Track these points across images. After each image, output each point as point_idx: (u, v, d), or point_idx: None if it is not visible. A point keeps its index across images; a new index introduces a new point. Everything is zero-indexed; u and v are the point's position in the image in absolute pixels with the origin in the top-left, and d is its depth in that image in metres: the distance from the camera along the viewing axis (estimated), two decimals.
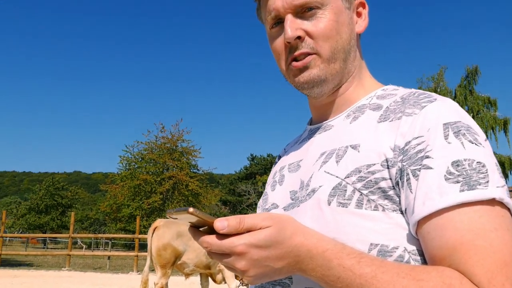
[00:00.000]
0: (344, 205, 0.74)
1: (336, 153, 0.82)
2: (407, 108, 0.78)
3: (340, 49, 0.86)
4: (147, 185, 29.78)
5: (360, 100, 0.90)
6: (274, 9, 0.87)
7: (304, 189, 0.84)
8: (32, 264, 18.54)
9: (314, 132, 0.96)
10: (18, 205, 54.48)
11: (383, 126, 0.79)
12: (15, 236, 25.64)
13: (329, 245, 0.66)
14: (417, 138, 0.73)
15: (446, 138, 0.71)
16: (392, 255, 0.71)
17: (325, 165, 0.82)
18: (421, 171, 0.70)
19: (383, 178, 0.73)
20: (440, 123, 0.73)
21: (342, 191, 0.76)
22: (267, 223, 0.64)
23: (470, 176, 0.67)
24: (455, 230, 0.66)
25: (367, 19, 0.93)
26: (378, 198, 0.73)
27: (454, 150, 0.70)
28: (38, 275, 14.08)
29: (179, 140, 31.39)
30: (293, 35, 0.84)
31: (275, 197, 0.93)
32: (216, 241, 0.63)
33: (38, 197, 49.82)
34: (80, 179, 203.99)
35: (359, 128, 0.83)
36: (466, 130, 0.72)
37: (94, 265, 18.58)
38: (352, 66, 0.90)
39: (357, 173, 0.75)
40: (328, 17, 0.85)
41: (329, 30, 0.85)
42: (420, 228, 0.70)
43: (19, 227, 49.64)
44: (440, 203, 0.67)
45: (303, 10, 0.85)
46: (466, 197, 0.66)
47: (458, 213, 0.66)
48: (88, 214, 53.10)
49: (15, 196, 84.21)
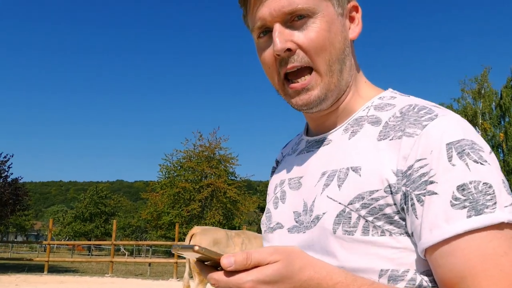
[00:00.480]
0: (350, 233, 0.73)
1: (338, 175, 0.79)
2: (408, 127, 0.74)
3: (335, 60, 0.80)
4: (186, 192, 30.20)
5: (357, 112, 0.86)
6: (261, 18, 0.80)
7: (308, 214, 0.81)
8: (77, 270, 19.18)
9: (312, 145, 0.91)
10: (65, 214, 56.50)
11: (383, 145, 0.76)
12: (62, 243, 26.63)
13: (340, 277, 0.64)
14: (420, 160, 0.70)
15: (450, 160, 0.68)
16: (403, 279, 0.70)
17: (327, 188, 0.79)
18: (426, 196, 0.68)
19: (388, 204, 0.72)
20: (443, 143, 0.69)
21: (347, 219, 0.74)
22: (275, 258, 0.62)
23: (477, 200, 0.65)
24: (463, 257, 0.65)
25: (360, 23, 0.87)
26: (384, 223, 0.72)
27: (458, 173, 0.67)
28: (83, 281, 14.54)
29: (216, 148, 31.67)
30: (282, 48, 0.78)
31: (278, 216, 0.91)
32: (224, 277, 0.62)
33: (83, 206, 51.56)
34: (123, 187, 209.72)
35: (359, 147, 0.79)
36: (470, 149, 0.68)
37: (135, 272, 19.00)
38: (349, 76, 0.85)
39: (360, 200, 0.73)
40: (320, 26, 0.78)
41: (322, 41, 0.78)
42: (428, 254, 0.69)
43: (65, 235, 51.50)
44: (448, 232, 0.65)
45: (292, 19, 0.79)
46: (474, 224, 0.64)
47: (466, 240, 0.65)
48: (130, 221, 54.50)
49: (62, 205, 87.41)
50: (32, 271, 17.31)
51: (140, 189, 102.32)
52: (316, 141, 0.90)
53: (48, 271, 17.04)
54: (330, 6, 0.81)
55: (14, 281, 13.81)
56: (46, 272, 16.82)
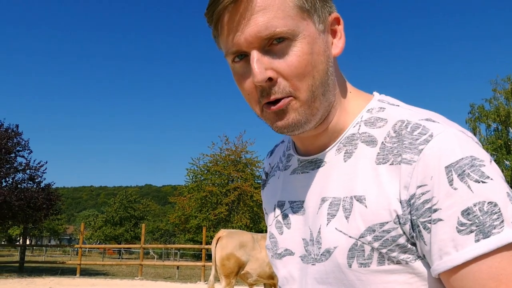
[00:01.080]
0: (365, 265, 0.72)
1: (342, 205, 0.76)
2: (404, 153, 0.71)
3: (318, 84, 0.74)
4: (213, 196, 30.44)
5: (347, 129, 0.81)
6: (235, 43, 0.72)
7: (316, 246, 0.79)
8: (108, 273, 19.55)
9: (305, 166, 0.86)
10: (96, 218, 57.59)
11: (382, 169, 0.73)
12: (93, 247, 27.20)
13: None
14: (421, 187, 0.68)
15: (451, 184, 0.66)
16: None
17: (333, 219, 0.77)
18: (431, 224, 0.68)
19: (399, 235, 0.71)
20: (442, 167, 0.67)
21: (360, 251, 0.73)
22: None
23: (483, 222, 0.64)
24: (475, 280, 0.64)
25: (343, 36, 0.80)
26: (399, 254, 0.71)
27: (461, 197, 0.66)
28: (113, 284, 14.84)
29: (243, 152, 31.83)
30: (262, 78, 0.71)
31: (286, 243, 0.88)
32: None
33: (113, 210, 52.56)
34: (151, 192, 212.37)
35: (357, 172, 0.76)
36: (470, 168, 0.66)
37: (164, 275, 19.21)
38: (332, 96, 0.79)
39: (372, 232, 0.72)
40: (301, 50, 0.71)
41: (304, 66, 0.72)
42: (441, 277, 0.69)
43: (96, 239, 52.60)
44: (457, 259, 0.65)
45: (270, 43, 0.71)
46: (483, 249, 0.64)
47: (476, 264, 0.64)
48: (158, 225, 55.20)
49: (93, 209, 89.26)
50: (65, 274, 17.79)
51: (168, 193, 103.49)
52: (309, 162, 0.85)
53: (80, 274, 17.46)
54: (310, 25, 0.73)
55: (48, 284, 14.22)
56: (78, 275, 17.24)
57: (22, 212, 18.93)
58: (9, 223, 20.87)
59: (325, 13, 0.76)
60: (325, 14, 0.76)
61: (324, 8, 0.76)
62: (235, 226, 28.33)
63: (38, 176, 20.57)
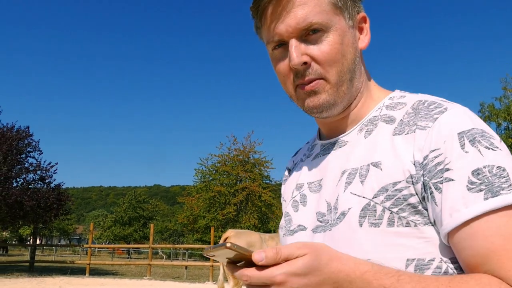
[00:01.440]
0: (376, 225, 0.75)
1: (359, 172, 0.81)
2: (420, 121, 0.77)
3: (346, 71, 0.84)
4: (221, 196, 30.45)
5: (370, 112, 0.89)
6: (277, 33, 0.83)
7: (333, 212, 0.83)
8: (117, 273, 19.67)
9: (327, 148, 0.94)
10: (105, 218, 57.96)
11: (398, 139, 0.79)
12: (102, 246, 27.36)
13: (366, 267, 0.66)
14: (434, 151, 0.73)
15: (462, 147, 0.71)
16: (429, 267, 0.72)
17: (350, 186, 0.82)
18: (443, 184, 0.71)
19: (411, 194, 0.74)
20: (455, 133, 0.72)
21: (372, 211, 0.76)
22: (303, 252, 0.64)
23: (492, 182, 0.68)
24: (485, 238, 0.66)
25: (369, 34, 0.90)
26: (409, 214, 0.74)
27: (472, 159, 0.70)
28: (122, 284, 14.92)
29: (251, 152, 31.80)
30: (299, 62, 0.81)
31: (300, 219, 0.92)
32: (256, 272, 0.64)
33: (122, 210, 52.83)
34: (160, 192, 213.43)
35: (376, 143, 0.83)
36: (481, 137, 0.72)
37: (173, 275, 19.29)
38: (359, 83, 0.89)
39: (384, 192, 0.76)
40: (333, 39, 0.82)
41: (335, 54, 0.82)
42: (451, 238, 0.71)
43: (106, 238, 52.89)
44: (467, 214, 0.68)
45: (307, 33, 0.82)
46: (491, 205, 0.66)
47: (485, 221, 0.67)
48: (167, 225, 55.35)
49: (102, 209, 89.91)
50: (74, 274, 17.92)
51: (177, 193, 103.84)
52: (332, 144, 0.93)
53: (89, 274, 17.58)
54: (342, 20, 0.84)
55: (58, 283, 14.32)
56: (88, 275, 17.36)
57: (33, 212, 19.10)
58: (20, 223, 21.07)
59: (354, 12, 0.87)
60: (354, 12, 0.87)
61: (354, 7, 0.87)
62: (243, 226, 28.34)
63: (49, 176, 20.75)
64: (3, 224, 20.24)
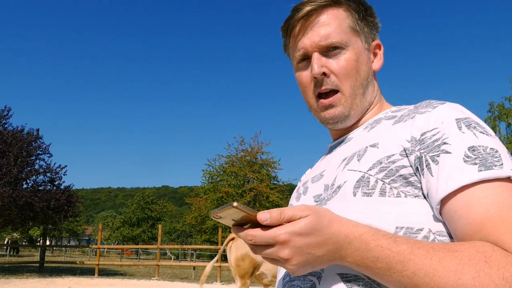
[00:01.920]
0: (368, 195, 0.80)
1: (357, 153, 0.89)
2: (420, 109, 0.86)
3: (359, 85, 0.96)
4: (229, 197, 30.40)
5: (377, 115, 0.99)
6: (303, 47, 0.96)
7: (330, 189, 0.90)
8: (126, 273, 19.75)
9: (334, 147, 1.04)
10: (114, 219, 58.08)
11: (398, 125, 0.87)
12: (111, 247, 27.43)
13: (364, 229, 0.71)
14: (432, 130, 0.79)
15: (459, 129, 0.77)
16: (417, 236, 0.75)
17: (348, 165, 0.89)
18: (440, 156, 0.76)
19: (403, 166, 0.79)
20: (453, 118, 0.79)
21: (366, 182, 0.81)
22: (306, 213, 0.69)
23: (486, 158, 0.72)
24: (480, 205, 0.70)
25: (382, 59, 1.03)
26: (400, 185, 0.78)
27: (468, 138, 0.76)
28: (131, 284, 15.00)
29: (258, 153, 31.72)
30: (319, 71, 0.93)
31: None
32: (260, 232, 0.68)
33: (130, 211, 52.94)
34: (168, 193, 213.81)
35: (376, 133, 0.91)
36: (476, 124, 0.78)
37: (181, 275, 19.36)
38: (372, 97, 1.00)
39: (378, 165, 0.82)
40: (349, 57, 0.94)
41: (350, 69, 0.94)
42: (444, 207, 0.74)
43: (115, 239, 53.10)
44: (462, 180, 0.71)
45: (328, 49, 0.94)
46: (485, 175, 0.71)
47: (480, 189, 0.71)
48: (175, 226, 55.48)
49: (111, 210, 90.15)
50: (83, 274, 18.05)
51: (185, 194, 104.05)
52: (338, 142, 1.03)
53: (98, 274, 17.68)
54: (358, 41, 0.97)
55: (68, 284, 14.46)
56: (97, 275, 17.46)
57: (43, 213, 19.28)
58: (30, 224, 21.26)
59: (369, 38, 1.00)
60: (369, 38, 1.00)
61: (369, 34, 1.00)
62: None
63: (58, 178, 20.92)
64: (13, 225, 20.43)
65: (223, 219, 0.71)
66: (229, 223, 0.72)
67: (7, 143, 19.15)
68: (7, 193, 17.27)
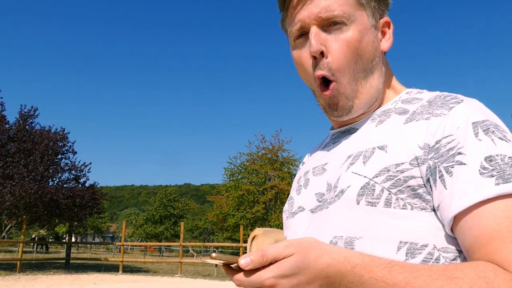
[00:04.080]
0: (373, 204, 0.74)
1: (363, 154, 0.81)
2: (435, 110, 0.77)
3: (360, 69, 0.84)
4: (250, 195, 30.50)
5: (385, 104, 0.89)
6: (300, 19, 0.85)
7: (332, 191, 0.83)
8: (149, 270, 20.03)
9: (337, 136, 0.95)
10: (137, 216, 59.07)
11: (409, 126, 0.79)
12: (135, 244, 27.90)
13: (357, 260, 0.65)
14: (447, 137, 0.73)
15: (476, 135, 0.71)
16: (421, 253, 0.71)
17: (352, 166, 0.81)
18: (454, 167, 0.70)
19: (412, 176, 0.73)
20: (469, 122, 0.73)
21: (371, 191, 0.75)
22: (290, 251, 0.64)
23: (504, 170, 0.67)
24: (491, 218, 0.66)
25: (391, 38, 0.91)
26: (407, 196, 0.73)
27: (485, 146, 0.70)
28: (154, 281, 15.18)
29: (279, 150, 31.72)
30: (318, 48, 0.82)
31: (301, 200, 0.93)
32: (245, 278, 0.64)
33: (153, 209, 53.70)
34: (190, 190, 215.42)
35: (385, 130, 0.83)
36: (494, 128, 0.72)
37: (203, 273, 19.49)
38: (380, 82, 0.88)
39: (386, 172, 0.75)
40: (352, 35, 0.82)
41: (351, 51, 0.83)
42: (457, 223, 0.69)
43: (138, 236, 53.91)
44: (477, 197, 0.67)
45: (329, 24, 0.83)
46: (502, 190, 0.66)
47: (495, 205, 0.66)
48: (197, 223, 55.99)
49: (134, 208, 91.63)
50: (108, 271, 18.36)
51: (207, 192, 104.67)
52: (342, 132, 0.94)
53: (122, 271, 18.00)
54: (364, 16, 0.85)
55: (93, 280, 14.73)
56: (121, 272, 17.78)
57: (68, 210, 19.70)
58: (56, 221, 21.76)
59: (377, 13, 0.88)
60: (377, 14, 0.88)
61: (377, 9, 0.88)
62: (273, 225, 28.33)
63: (83, 176, 21.35)
64: (40, 222, 20.95)
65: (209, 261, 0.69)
66: (219, 264, 0.69)
67: (34, 141, 19.65)
68: (33, 190, 17.70)
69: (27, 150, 19.36)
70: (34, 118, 21.03)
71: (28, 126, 20.54)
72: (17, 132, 19.90)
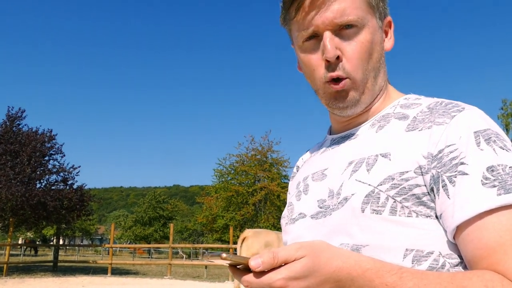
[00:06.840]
0: (378, 212, 0.75)
1: (366, 161, 0.81)
2: (437, 118, 0.78)
3: (371, 69, 0.86)
4: (239, 196, 30.45)
5: (384, 109, 0.90)
6: (314, 25, 0.84)
7: (335, 198, 0.83)
8: (138, 272, 19.85)
9: (337, 141, 0.95)
10: (126, 218, 58.37)
11: (412, 135, 0.80)
12: (124, 246, 27.64)
13: (368, 264, 0.66)
14: (450, 146, 0.74)
15: (478, 145, 0.72)
16: (427, 259, 0.72)
17: (355, 173, 0.81)
18: (457, 177, 0.71)
19: (417, 184, 0.74)
20: (471, 131, 0.74)
21: (376, 199, 0.76)
22: (301, 253, 0.63)
23: (505, 180, 0.68)
24: (494, 230, 0.67)
25: (393, 37, 0.93)
26: (412, 205, 0.74)
27: (487, 156, 0.71)
28: (143, 283, 15.08)
29: (269, 151, 31.69)
30: (334, 54, 0.82)
31: (301, 207, 0.92)
32: (255, 279, 0.63)
33: (142, 210, 53.21)
34: (179, 192, 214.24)
35: (387, 137, 0.83)
36: (496, 137, 0.73)
37: (193, 274, 19.38)
38: (382, 81, 0.90)
39: (390, 181, 0.76)
40: (365, 38, 0.84)
41: (364, 52, 0.84)
42: (459, 232, 0.70)
43: (127, 238, 53.44)
44: (479, 207, 0.68)
45: (342, 28, 0.83)
46: (504, 201, 0.67)
47: (496, 215, 0.67)
48: (187, 225, 55.61)
49: (123, 209, 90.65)
50: (96, 273, 18.19)
51: (196, 193, 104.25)
52: (342, 137, 0.94)
53: (111, 273, 17.81)
54: (374, 19, 0.87)
55: (81, 283, 14.58)
56: (110, 274, 17.59)
57: (56, 213, 19.48)
58: (43, 224, 21.50)
59: (382, 14, 0.90)
60: (382, 14, 0.90)
61: (384, 10, 0.90)
62: (262, 226, 28.31)
63: (71, 178, 21.13)
64: (27, 224, 20.68)
65: (216, 262, 0.67)
66: (225, 264, 0.68)
67: (21, 143, 19.41)
68: (20, 192, 17.48)
69: (14, 152, 19.11)
70: (22, 120, 20.76)
71: (15, 127, 20.28)
72: (4, 134, 19.63)
